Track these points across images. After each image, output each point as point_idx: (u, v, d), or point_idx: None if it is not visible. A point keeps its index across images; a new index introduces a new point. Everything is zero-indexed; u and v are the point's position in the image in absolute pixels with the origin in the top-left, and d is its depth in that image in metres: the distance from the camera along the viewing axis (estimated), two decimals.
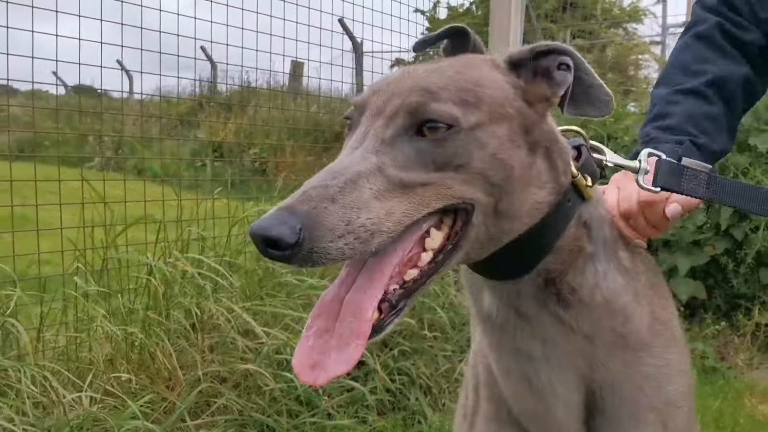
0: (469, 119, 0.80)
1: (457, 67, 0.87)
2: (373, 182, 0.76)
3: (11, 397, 2.06)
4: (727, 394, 3.32)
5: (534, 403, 1.00)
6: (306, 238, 0.69)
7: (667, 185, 1.01)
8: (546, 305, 0.92)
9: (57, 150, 6.32)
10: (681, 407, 1.00)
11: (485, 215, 0.83)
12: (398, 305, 0.80)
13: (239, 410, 2.52)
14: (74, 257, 2.70)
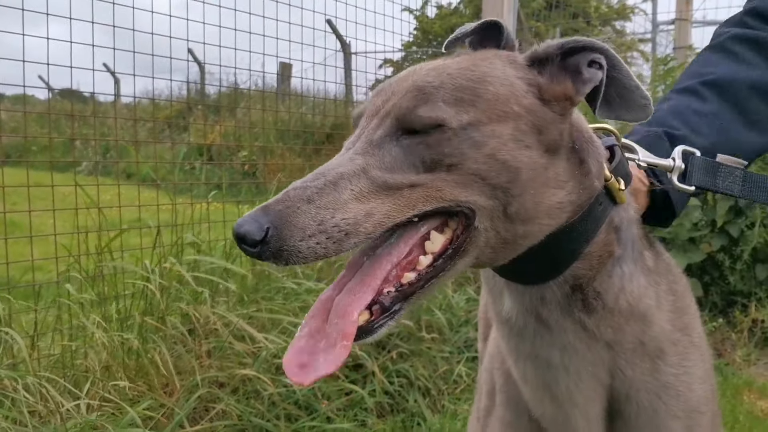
0: (461, 118, 0.78)
1: (463, 64, 0.84)
2: (355, 184, 0.76)
3: (7, 407, 2.02)
4: (726, 390, 3.31)
5: (553, 410, 0.98)
6: (274, 236, 0.71)
7: (702, 183, 0.99)
8: (571, 312, 0.89)
9: (45, 155, 6.26)
10: (704, 413, 0.98)
11: (493, 219, 0.80)
12: (392, 308, 0.79)
13: (238, 415, 2.49)
14: (68, 264, 2.66)
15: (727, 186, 1.00)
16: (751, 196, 1.01)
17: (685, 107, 1.13)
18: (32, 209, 2.68)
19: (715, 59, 1.21)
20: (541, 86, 0.84)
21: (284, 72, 8.18)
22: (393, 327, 0.80)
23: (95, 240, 2.74)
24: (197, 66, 7.24)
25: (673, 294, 0.97)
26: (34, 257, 2.66)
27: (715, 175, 1.00)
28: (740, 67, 1.19)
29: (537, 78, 0.85)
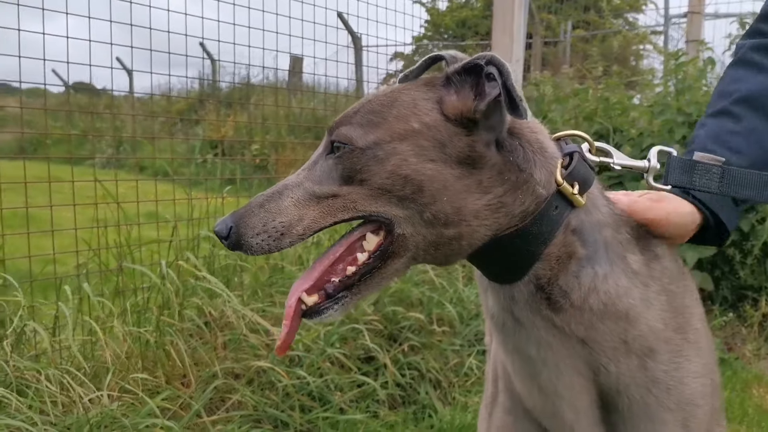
0: (367, 138, 0.89)
1: (386, 92, 0.94)
2: (294, 193, 0.91)
3: (30, 397, 2.07)
4: (735, 384, 3.33)
5: (541, 401, 1.02)
6: (234, 233, 0.90)
7: (678, 183, 1.01)
8: (538, 310, 0.94)
9: (59, 148, 6.34)
10: (701, 406, 1.00)
11: (414, 225, 0.89)
12: (336, 295, 0.92)
13: (253, 406, 2.54)
14: (87, 257, 2.72)
15: (703, 184, 1.01)
16: (729, 192, 1.01)
17: (720, 130, 1.14)
18: (52, 203, 2.73)
19: (740, 74, 1.22)
20: (443, 102, 0.91)
21: (295, 66, 8.21)
22: (341, 312, 0.92)
23: (114, 234, 2.79)
24: (210, 61, 7.29)
25: (668, 294, 0.99)
26: (55, 251, 2.71)
27: (691, 174, 1.01)
28: (765, 77, 1.19)
29: (444, 96, 0.92)
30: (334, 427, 2.63)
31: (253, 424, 2.50)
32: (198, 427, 2.39)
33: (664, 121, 4.24)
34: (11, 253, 2.83)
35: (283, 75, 7.63)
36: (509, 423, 1.11)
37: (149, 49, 3.12)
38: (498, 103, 0.89)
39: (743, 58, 1.23)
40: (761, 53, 1.21)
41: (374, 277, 0.92)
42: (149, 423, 2.19)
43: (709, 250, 3.91)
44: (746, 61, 1.22)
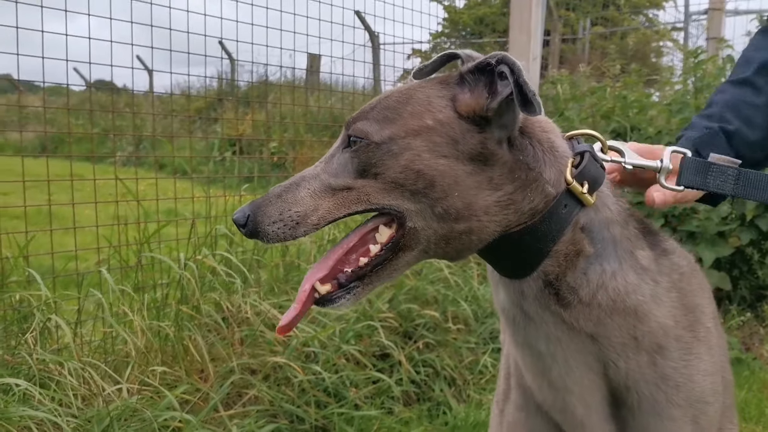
0: (383, 133, 0.92)
1: (402, 90, 0.97)
2: (311, 184, 0.95)
3: (53, 389, 2.13)
4: (752, 385, 3.32)
5: (552, 396, 1.03)
6: (251, 221, 0.93)
7: (692, 184, 1.02)
8: (547, 305, 0.95)
9: (80, 146, 6.43)
10: (711, 403, 1.01)
11: (425, 219, 0.92)
12: (348, 285, 0.95)
13: (270, 401, 2.57)
14: (108, 254, 2.77)
15: (718, 185, 1.01)
16: (744, 194, 1.01)
17: (739, 100, 1.14)
18: (75, 201, 2.79)
19: (765, 42, 1.22)
20: (457, 100, 0.93)
21: (313, 64, 8.24)
22: (352, 301, 0.95)
23: (134, 231, 2.85)
24: (228, 60, 7.35)
25: (678, 291, 1.00)
26: (72, 247, 2.77)
27: (705, 175, 1.02)
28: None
29: (457, 94, 0.94)
30: (349, 423, 2.66)
31: (269, 419, 2.53)
32: (215, 421, 2.43)
33: (682, 120, 4.22)
34: (36, 250, 2.90)
35: (300, 73, 7.67)
36: (521, 419, 1.13)
37: (169, 49, 3.17)
38: (510, 101, 0.90)
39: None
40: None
41: (385, 268, 0.95)
42: (168, 416, 2.24)
43: (726, 250, 3.89)
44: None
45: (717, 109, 1.14)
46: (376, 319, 3.05)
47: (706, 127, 1.14)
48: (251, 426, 2.42)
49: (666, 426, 0.99)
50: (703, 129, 1.14)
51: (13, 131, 6.69)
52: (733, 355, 3.61)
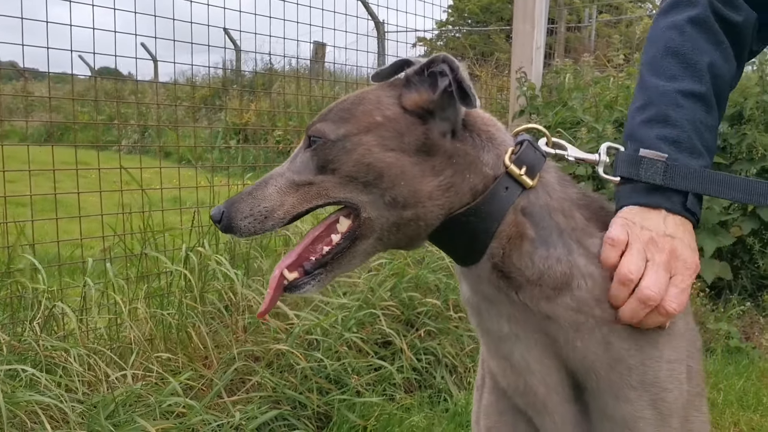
0: (338, 132, 1.00)
1: (356, 93, 1.06)
2: (278, 182, 1.03)
3: (59, 375, 2.17)
4: (751, 374, 3.34)
5: (514, 379, 1.06)
6: (225, 217, 1.02)
7: (626, 174, 1.05)
8: (500, 287, 1.00)
9: (86, 133, 6.46)
10: (670, 390, 1.02)
11: (378, 208, 0.99)
12: (313, 272, 1.03)
13: (273, 387, 2.61)
14: (113, 242, 2.81)
15: (649, 176, 1.03)
16: (673, 184, 1.03)
17: (699, 122, 1.08)
18: (80, 190, 2.83)
19: (707, 48, 1.12)
20: (403, 97, 1.02)
21: (318, 52, 8.24)
22: (317, 287, 1.03)
23: (139, 219, 2.88)
24: (234, 48, 7.37)
25: None
26: (77, 235, 2.81)
27: (638, 167, 1.04)
28: (726, 62, 1.13)
29: (403, 92, 1.03)
30: (350, 410, 2.70)
31: (271, 405, 2.57)
32: (219, 406, 2.47)
33: None
34: (42, 237, 2.94)
35: (305, 62, 7.68)
36: (493, 402, 1.16)
37: (172, 39, 3.18)
38: (451, 96, 0.99)
39: (704, 19, 1.12)
40: (718, 22, 1.13)
41: (345, 256, 1.03)
42: (172, 401, 2.28)
43: (728, 239, 3.91)
44: (707, 26, 1.12)
45: (686, 135, 1.06)
46: (377, 308, 3.08)
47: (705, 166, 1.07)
48: (254, 412, 2.46)
49: (623, 407, 1.01)
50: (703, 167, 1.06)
51: (19, 120, 6.72)
52: (733, 345, 3.64)
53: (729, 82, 1.15)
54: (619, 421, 1.02)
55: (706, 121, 1.08)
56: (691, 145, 1.06)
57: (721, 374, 3.31)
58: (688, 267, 1.01)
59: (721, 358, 3.55)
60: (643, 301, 0.96)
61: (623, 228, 1.02)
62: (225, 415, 2.41)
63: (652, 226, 1.02)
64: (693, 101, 1.08)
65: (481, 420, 1.22)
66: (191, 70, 6.44)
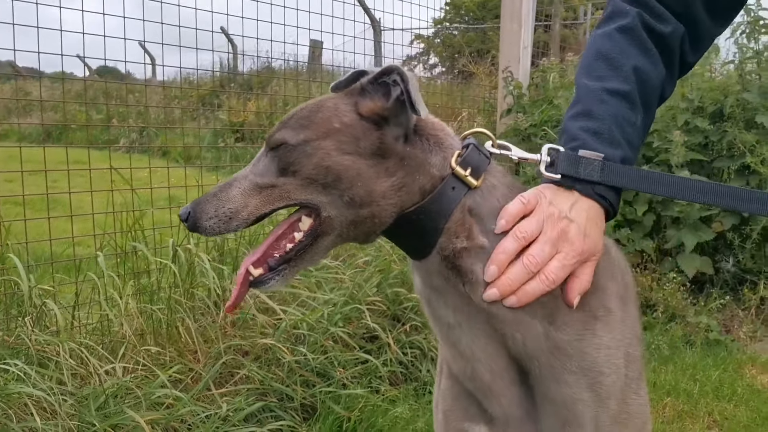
0: (298, 137, 1.06)
1: (314, 101, 1.13)
2: (242, 184, 1.08)
3: (51, 369, 2.26)
4: (728, 365, 3.43)
5: (462, 365, 1.14)
6: (191, 217, 1.07)
7: (566, 172, 1.11)
8: (448, 278, 1.08)
9: (84, 133, 6.53)
10: (608, 375, 1.09)
11: (338, 208, 1.06)
12: (277, 268, 1.09)
13: (260, 380, 2.69)
14: (103, 240, 2.90)
15: (587, 174, 1.10)
16: (609, 181, 1.11)
17: (622, 118, 1.16)
18: (72, 189, 2.91)
19: (633, 52, 1.20)
20: (358, 105, 1.09)
21: (315, 50, 8.30)
22: (281, 282, 1.10)
23: (129, 217, 2.97)
24: (230, 45, 7.42)
25: None
26: (74, 233, 2.90)
27: (577, 166, 1.11)
28: (654, 66, 1.19)
29: (358, 100, 1.10)
30: (335, 401, 2.78)
31: (258, 397, 2.66)
32: (207, 399, 2.56)
33: (668, 107, 4.30)
34: (40, 236, 3.04)
35: (303, 59, 7.74)
36: (449, 387, 1.24)
37: (173, 44, 3.26)
38: (403, 104, 1.07)
39: (633, 27, 1.20)
40: (646, 32, 1.20)
41: (308, 252, 1.10)
42: (161, 393, 2.37)
43: (708, 234, 3.99)
44: (635, 33, 1.20)
45: (606, 127, 1.15)
46: (363, 303, 3.17)
47: (624, 158, 1.16)
48: (241, 404, 2.55)
49: (563, 390, 1.09)
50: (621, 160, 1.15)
51: (13, 123, 6.80)
52: (712, 337, 3.72)
53: (658, 87, 1.21)
54: (559, 403, 1.10)
55: (628, 117, 1.16)
56: (611, 137, 1.14)
57: (699, 367, 3.40)
58: (573, 249, 1.08)
59: (701, 350, 3.63)
60: (525, 265, 1.05)
61: (536, 196, 1.11)
62: (213, 407, 2.50)
63: (558, 204, 1.10)
64: (617, 99, 1.16)
65: (440, 403, 1.31)
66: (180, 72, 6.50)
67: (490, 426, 1.18)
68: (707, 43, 1.29)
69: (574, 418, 1.10)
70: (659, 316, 3.90)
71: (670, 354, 3.57)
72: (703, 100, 4.26)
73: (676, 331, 3.77)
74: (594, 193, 1.12)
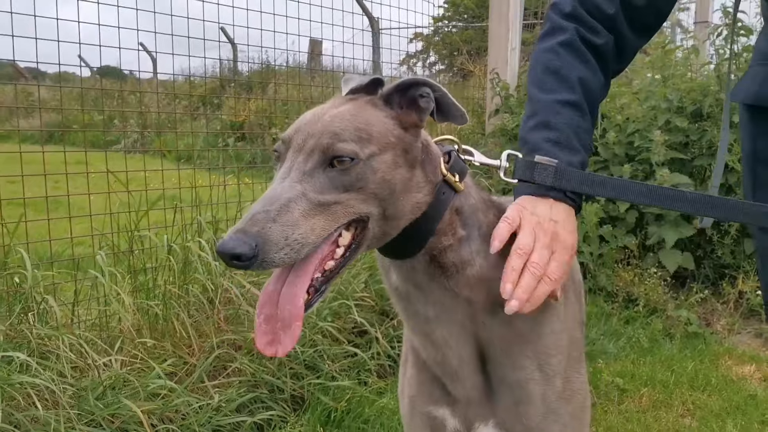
0: (365, 151, 1.06)
1: (352, 112, 1.12)
2: (300, 205, 1.01)
3: (52, 361, 2.39)
4: (705, 357, 3.55)
5: (434, 353, 1.27)
6: (260, 252, 0.95)
7: (523, 177, 1.24)
8: (434, 277, 1.18)
9: (90, 134, 6.66)
10: (554, 356, 1.25)
11: (377, 221, 1.10)
12: (321, 288, 1.08)
13: (251, 373, 2.82)
14: (102, 239, 3.04)
15: (542, 178, 1.22)
16: (560, 185, 1.22)
17: (576, 126, 1.29)
18: (73, 191, 3.05)
19: (577, 64, 1.33)
20: (399, 118, 1.15)
21: (314, 49, 8.41)
22: (322, 299, 1.10)
23: (127, 217, 3.11)
24: (230, 46, 7.52)
25: None
26: (73, 233, 3.04)
27: (532, 171, 1.23)
28: (594, 75, 1.33)
29: (396, 114, 1.15)
30: (324, 393, 2.91)
31: (249, 389, 2.79)
32: (201, 390, 2.69)
33: (650, 108, 4.42)
34: (42, 236, 3.18)
35: (302, 58, 7.82)
36: (415, 374, 1.38)
37: (173, 39, 3.38)
38: None
39: (572, 42, 1.34)
40: (584, 45, 1.34)
41: (344, 266, 1.10)
42: (157, 385, 2.50)
43: (689, 231, 4.11)
44: (575, 47, 1.34)
45: (564, 137, 1.27)
46: (351, 299, 3.30)
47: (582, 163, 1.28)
48: (233, 395, 2.68)
49: (518, 374, 1.24)
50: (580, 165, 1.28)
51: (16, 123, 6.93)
52: (691, 330, 3.84)
53: (598, 93, 1.36)
54: (514, 384, 1.25)
55: (580, 125, 1.29)
56: (569, 144, 1.27)
57: (676, 358, 3.52)
58: (565, 247, 1.21)
59: (680, 343, 3.75)
60: (532, 273, 1.16)
61: (517, 212, 1.22)
62: (206, 398, 2.63)
63: (540, 212, 1.22)
64: (569, 109, 1.29)
65: (405, 390, 1.44)
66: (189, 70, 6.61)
67: (452, 408, 1.33)
68: (631, 55, 1.45)
69: (526, 396, 1.25)
70: (640, 310, 4.02)
71: (650, 346, 3.70)
72: (683, 101, 4.38)
73: (656, 325, 3.89)
74: (565, 197, 1.25)
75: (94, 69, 8.60)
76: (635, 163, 4.33)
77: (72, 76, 9.73)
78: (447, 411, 1.33)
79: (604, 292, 4.21)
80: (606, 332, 3.83)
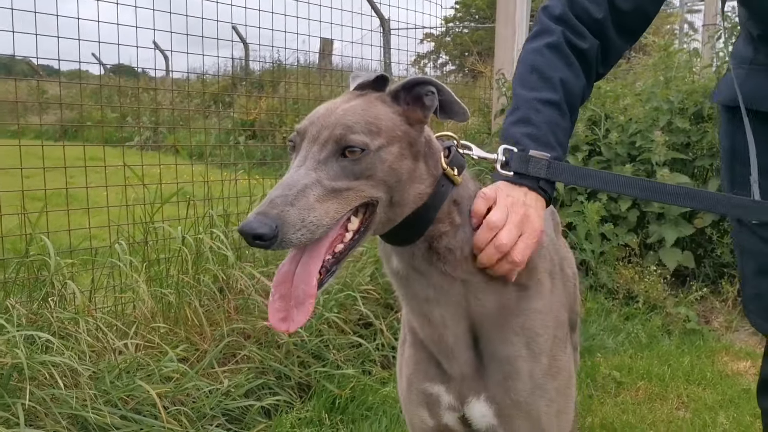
0: (375, 143, 1.16)
1: (363, 106, 1.23)
2: (315, 190, 1.10)
3: (72, 343, 2.52)
4: (702, 353, 3.63)
5: (431, 332, 1.37)
6: (279, 232, 1.04)
7: (518, 170, 1.34)
8: (431, 262, 1.29)
9: (100, 130, 6.83)
10: (541, 335, 1.35)
11: (384, 206, 1.21)
12: (332, 269, 1.17)
13: (259, 360, 2.93)
14: (118, 232, 3.17)
15: (536, 171, 1.32)
16: (555, 177, 1.33)
17: (555, 124, 1.38)
18: (93, 184, 3.19)
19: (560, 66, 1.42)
20: (405, 114, 1.25)
21: (325, 48, 8.53)
22: (332, 280, 1.19)
23: (142, 210, 3.24)
24: (243, 45, 7.64)
25: None
26: (90, 226, 3.18)
27: (527, 164, 1.33)
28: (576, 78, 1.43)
29: (402, 110, 1.26)
30: (329, 380, 3.02)
31: (257, 375, 2.90)
32: (211, 376, 2.81)
33: (652, 109, 4.50)
34: (59, 227, 3.31)
35: (313, 58, 7.93)
36: (412, 354, 1.47)
37: (186, 42, 3.50)
38: None
39: (558, 44, 1.43)
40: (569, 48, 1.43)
41: (352, 249, 1.19)
42: (169, 368, 2.62)
43: (688, 229, 4.19)
44: (560, 49, 1.43)
45: (542, 133, 1.37)
46: (356, 291, 3.41)
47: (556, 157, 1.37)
48: (242, 380, 2.80)
49: (507, 349, 1.34)
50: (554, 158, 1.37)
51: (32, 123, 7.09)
52: (689, 327, 3.92)
53: (579, 94, 1.46)
54: (503, 359, 1.35)
55: (559, 123, 1.40)
56: (546, 141, 1.38)
57: (673, 354, 3.61)
58: (534, 230, 1.32)
59: (678, 339, 3.84)
60: (498, 248, 1.27)
61: (494, 190, 1.34)
62: (216, 383, 2.75)
63: (514, 195, 1.34)
64: (549, 107, 1.40)
65: (403, 369, 1.55)
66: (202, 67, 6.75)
67: (447, 385, 1.43)
68: (615, 58, 1.56)
69: (514, 372, 1.35)
70: (640, 307, 4.11)
71: (648, 342, 3.78)
72: (684, 102, 4.46)
73: (655, 321, 3.97)
74: (538, 188, 1.37)
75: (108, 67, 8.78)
76: (637, 163, 4.41)
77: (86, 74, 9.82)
78: (442, 388, 1.43)
79: (605, 289, 4.30)
80: (606, 328, 3.92)
